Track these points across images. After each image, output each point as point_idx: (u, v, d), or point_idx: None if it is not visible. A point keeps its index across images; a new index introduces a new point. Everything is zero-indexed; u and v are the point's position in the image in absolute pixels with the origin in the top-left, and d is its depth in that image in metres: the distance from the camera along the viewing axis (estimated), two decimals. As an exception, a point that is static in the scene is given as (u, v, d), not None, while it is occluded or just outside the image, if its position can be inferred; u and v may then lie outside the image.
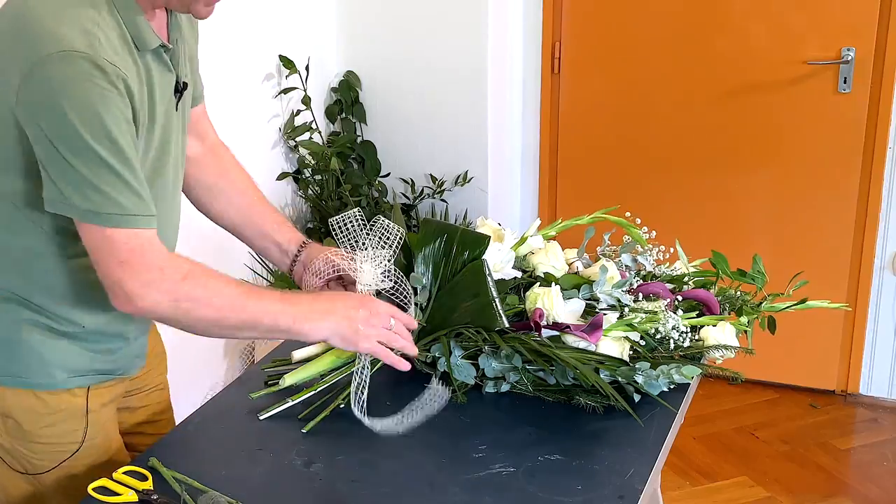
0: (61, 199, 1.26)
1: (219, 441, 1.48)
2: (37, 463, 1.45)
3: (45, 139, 1.23)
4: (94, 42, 1.23)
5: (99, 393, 1.48)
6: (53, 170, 1.24)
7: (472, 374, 1.56)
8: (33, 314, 1.39)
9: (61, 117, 1.21)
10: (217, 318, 1.36)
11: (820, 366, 3.28)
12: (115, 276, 1.29)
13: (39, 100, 1.22)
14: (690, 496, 2.77)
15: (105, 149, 1.23)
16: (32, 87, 1.22)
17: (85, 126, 1.21)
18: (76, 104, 1.21)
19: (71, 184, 1.24)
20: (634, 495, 1.30)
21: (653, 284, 1.70)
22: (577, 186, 3.44)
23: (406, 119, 3.31)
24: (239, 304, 1.37)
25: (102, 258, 1.29)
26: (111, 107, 1.23)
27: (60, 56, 1.20)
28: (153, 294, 1.31)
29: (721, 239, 3.16)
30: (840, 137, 3.06)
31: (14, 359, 1.40)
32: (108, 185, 1.25)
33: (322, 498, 1.31)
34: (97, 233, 1.28)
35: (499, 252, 1.65)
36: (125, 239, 1.28)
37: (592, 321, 1.56)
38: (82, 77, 1.21)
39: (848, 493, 2.77)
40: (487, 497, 1.30)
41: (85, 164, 1.23)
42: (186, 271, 1.34)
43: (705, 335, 1.62)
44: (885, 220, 3.08)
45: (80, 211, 1.26)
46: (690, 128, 3.24)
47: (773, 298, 1.75)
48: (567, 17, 3.27)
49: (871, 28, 2.94)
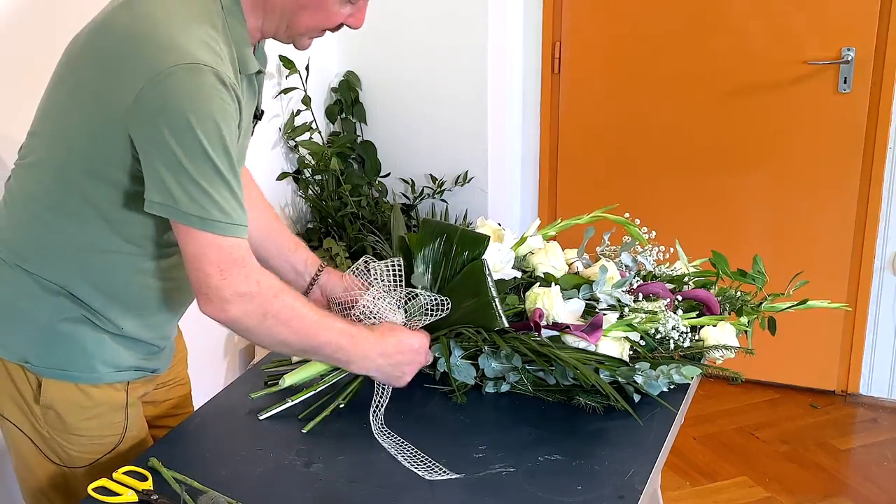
0: (171, 203, 1.28)
1: (219, 441, 1.48)
2: (74, 455, 1.48)
3: (164, 144, 1.26)
4: (216, 59, 1.29)
5: (135, 388, 1.52)
6: (168, 174, 1.27)
7: (471, 375, 1.56)
8: (80, 309, 1.42)
9: (186, 125, 1.25)
10: (290, 339, 1.41)
11: (820, 366, 3.28)
12: (214, 282, 1.31)
13: (164, 105, 1.25)
14: (690, 496, 2.76)
15: (220, 159, 1.28)
16: (158, 93, 1.25)
17: (206, 135, 1.26)
18: (201, 113, 1.25)
19: (185, 189, 1.27)
20: (634, 495, 1.30)
21: (653, 284, 1.70)
22: (577, 186, 3.43)
23: (406, 119, 3.30)
24: (312, 331, 1.43)
25: (204, 264, 1.31)
26: (229, 120, 1.29)
27: (190, 67, 1.25)
28: (246, 305, 1.34)
29: (721, 239, 3.16)
30: (840, 137, 3.05)
31: (58, 352, 1.43)
32: (219, 194, 1.29)
33: (322, 498, 1.31)
34: (203, 238, 1.30)
35: (498, 252, 1.65)
36: (229, 247, 1.31)
37: (592, 321, 1.56)
38: (209, 88, 1.26)
39: (848, 493, 2.77)
40: (487, 497, 1.30)
41: (202, 171, 1.27)
42: (278, 289, 1.38)
43: (705, 335, 1.63)
44: (885, 220, 3.07)
45: (190, 216, 1.29)
46: (690, 128, 3.24)
47: (774, 299, 1.75)
48: (567, 17, 3.27)
49: (871, 28, 2.94)
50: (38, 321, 1.42)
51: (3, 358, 1.45)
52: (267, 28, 1.42)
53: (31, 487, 1.53)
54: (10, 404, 1.47)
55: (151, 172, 1.29)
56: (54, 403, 1.44)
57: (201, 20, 1.31)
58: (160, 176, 1.28)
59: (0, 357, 1.45)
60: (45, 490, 1.51)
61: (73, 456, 1.48)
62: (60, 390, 1.44)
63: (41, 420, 1.46)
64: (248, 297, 1.34)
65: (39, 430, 1.47)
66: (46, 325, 1.42)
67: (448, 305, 1.59)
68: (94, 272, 1.41)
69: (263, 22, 1.41)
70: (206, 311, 1.35)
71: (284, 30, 1.42)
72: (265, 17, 1.40)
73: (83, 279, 1.41)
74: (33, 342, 1.43)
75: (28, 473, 1.52)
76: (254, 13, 1.39)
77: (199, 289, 1.33)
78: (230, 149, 1.30)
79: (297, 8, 1.38)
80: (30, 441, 1.48)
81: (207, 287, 1.32)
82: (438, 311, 1.59)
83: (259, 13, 1.39)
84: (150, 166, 1.29)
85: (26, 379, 1.45)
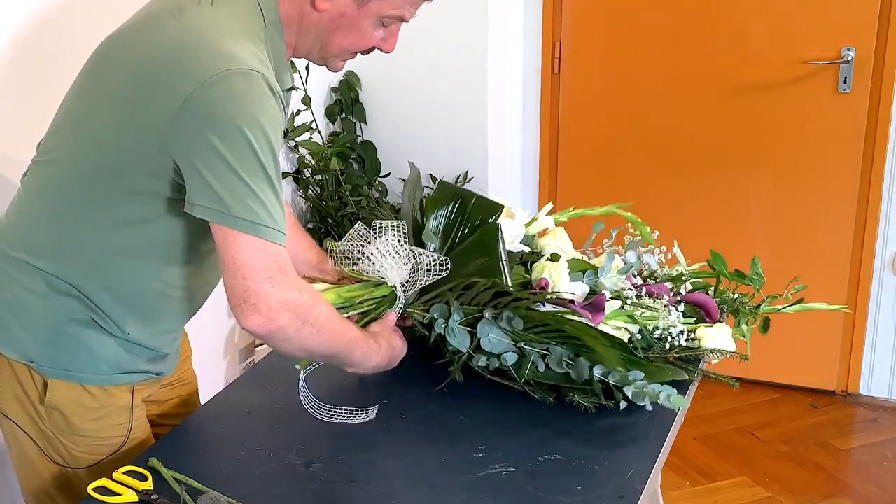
0: (219, 207, 1.27)
1: (219, 441, 1.48)
2: (77, 455, 1.48)
3: (213, 148, 1.25)
4: (265, 68, 1.29)
5: (140, 389, 1.52)
6: (217, 179, 1.26)
7: (466, 342, 1.52)
8: (87, 311, 1.41)
9: (237, 129, 1.24)
10: (315, 347, 1.41)
11: (820, 366, 3.28)
12: (262, 290, 1.29)
13: (214, 110, 1.25)
14: (690, 496, 2.77)
15: (269, 165, 1.28)
16: (208, 96, 1.24)
17: (257, 140, 1.26)
18: (252, 118, 1.25)
19: (235, 194, 1.26)
20: (634, 495, 1.30)
21: (655, 285, 1.70)
22: (577, 186, 3.43)
23: (406, 119, 3.30)
24: (336, 341, 1.44)
25: (252, 271, 1.29)
26: (277, 127, 1.30)
27: (242, 72, 1.25)
28: (290, 314, 1.32)
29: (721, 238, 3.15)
30: (840, 137, 3.05)
31: (65, 353, 1.43)
32: (268, 200, 1.28)
33: (322, 498, 1.31)
34: (251, 245, 1.28)
35: (510, 225, 1.66)
36: (275, 254, 1.30)
37: (594, 300, 1.55)
38: (260, 94, 1.27)
39: (848, 493, 2.77)
40: (487, 497, 1.30)
41: (252, 176, 1.26)
42: (316, 296, 1.38)
43: (702, 336, 1.62)
44: (885, 220, 3.07)
45: (241, 220, 1.27)
46: (690, 128, 3.24)
47: (772, 300, 1.75)
48: (567, 17, 3.27)
49: (871, 28, 2.94)
50: (46, 321, 1.42)
51: (9, 357, 1.45)
52: (300, 46, 1.43)
53: (32, 487, 1.52)
54: (15, 404, 1.47)
55: (196, 177, 1.27)
56: (60, 404, 1.44)
57: (249, 33, 1.33)
58: (206, 180, 1.26)
59: (6, 357, 1.45)
60: (47, 490, 1.51)
61: (77, 456, 1.48)
62: (66, 391, 1.44)
63: (46, 420, 1.46)
64: (292, 306, 1.32)
65: (43, 431, 1.47)
66: (53, 325, 1.42)
67: (448, 266, 1.59)
68: (108, 275, 1.40)
69: (297, 40, 1.42)
70: (249, 322, 1.30)
71: (318, 50, 1.43)
72: (300, 36, 1.41)
73: (96, 281, 1.40)
74: (40, 342, 1.43)
75: (30, 473, 1.52)
76: (290, 31, 1.40)
77: (245, 298, 1.29)
78: (277, 155, 1.29)
79: (333, 29, 1.40)
80: (33, 441, 1.48)
81: (256, 296, 1.29)
82: (439, 272, 1.59)
83: (294, 31, 1.40)
84: (195, 171, 1.27)
85: (32, 379, 1.44)
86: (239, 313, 1.30)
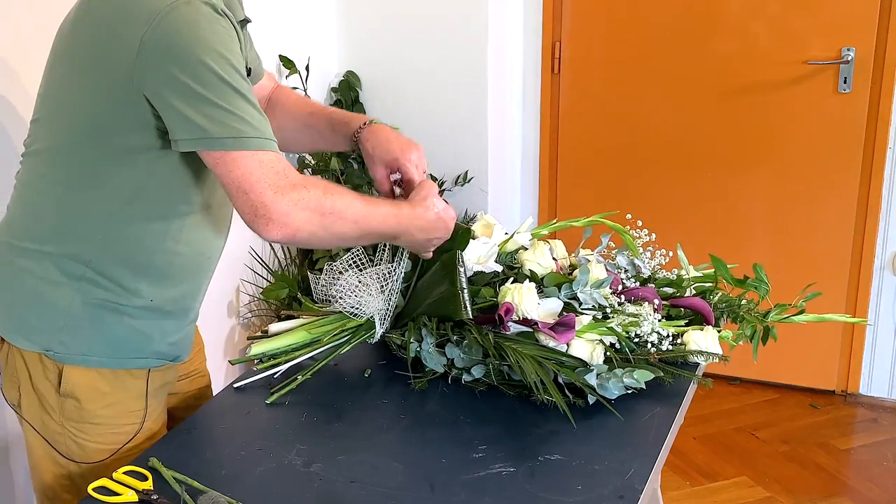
0: (200, 134, 1.29)
1: (219, 441, 1.48)
2: (89, 448, 1.48)
3: (178, 82, 1.27)
4: None
5: (155, 376, 1.52)
6: (189, 108, 1.28)
7: (441, 363, 1.58)
8: (103, 291, 1.42)
9: (194, 57, 1.27)
10: (349, 231, 1.42)
11: (820, 366, 3.28)
12: (267, 199, 1.31)
13: (169, 45, 1.27)
14: (690, 496, 2.77)
15: (236, 80, 1.30)
16: (160, 33, 1.27)
17: (216, 61, 1.28)
18: (206, 43, 1.28)
19: (209, 115, 1.28)
20: (634, 495, 1.30)
21: (643, 289, 1.69)
22: (578, 186, 3.44)
23: (406, 119, 3.30)
24: (365, 219, 1.43)
25: (252, 184, 1.31)
26: (234, 44, 1.32)
27: (186, 2, 1.27)
28: (303, 212, 1.34)
29: (721, 239, 3.16)
30: (840, 137, 3.06)
31: (80, 337, 1.44)
32: (246, 112, 1.30)
33: (322, 498, 1.31)
34: (243, 159, 1.30)
35: (484, 245, 1.67)
36: (270, 161, 1.32)
37: (563, 320, 1.55)
38: (209, 19, 1.29)
39: (848, 493, 2.77)
40: (487, 497, 1.30)
41: (222, 95, 1.28)
42: (324, 185, 1.39)
43: (687, 339, 1.61)
44: (885, 220, 3.08)
45: (224, 139, 1.29)
46: (690, 128, 3.24)
47: (783, 310, 1.72)
48: (567, 17, 3.28)
49: (871, 28, 2.94)
50: (60, 307, 1.42)
51: (22, 349, 1.45)
52: None
53: (42, 482, 1.53)
54: (27, 399, 1.48)
55: (172, 113, 1.29)
56: (75, 390, 1.45)
57: None
58: (181, 113, 1.28)
59: (19, 350, 1.46)
60: (55, 487, 1.51)
61: (89, 449, 1.48)
62: (81, 376, 1.45)
63: (58, 413, 1.46)
64: (301, 204, 1.33)
65: (55, 426, 1.47)
66: (68, 309, 1.42)
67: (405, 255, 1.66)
68: (117, 245, 1.41)
69: None
70: (267, 233, 1.32)
71: None
72: None
73: (107, 253, 1.41)
74: (55, 329, 1.43)
75: (40, 469, 1.52)
76: None
77: (256, 212, 1.31)
78: (242, 69, 1.31)
79: None
80: (42, 439, 1.49)
81: (264, 207, 1.31)
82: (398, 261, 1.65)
83: None
84: (169, 107, 1.29)
85: (45, 369, 1.45)
86: (256, 228, 1.33)
